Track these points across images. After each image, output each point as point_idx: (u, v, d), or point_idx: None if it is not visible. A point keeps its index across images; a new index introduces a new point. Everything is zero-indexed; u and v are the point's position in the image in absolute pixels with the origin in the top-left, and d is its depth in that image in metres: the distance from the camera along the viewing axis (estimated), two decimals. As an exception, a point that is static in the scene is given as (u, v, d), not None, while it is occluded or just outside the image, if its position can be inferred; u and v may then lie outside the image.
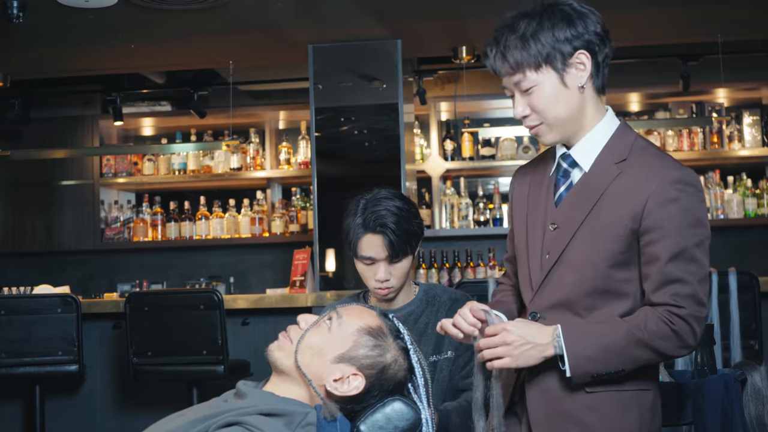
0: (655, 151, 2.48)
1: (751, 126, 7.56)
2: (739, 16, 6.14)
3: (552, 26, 2.40)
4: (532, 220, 2.57)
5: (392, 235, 3.08)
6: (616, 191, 2.41)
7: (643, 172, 2.40)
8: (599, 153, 2.48)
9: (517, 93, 2.47)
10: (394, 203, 3.14)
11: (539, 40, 2.39)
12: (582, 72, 2.43)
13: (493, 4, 5.60)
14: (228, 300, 5.82)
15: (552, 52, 2.40)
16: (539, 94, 2.43)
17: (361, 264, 3.17)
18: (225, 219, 7.91)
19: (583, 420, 2.44)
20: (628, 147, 2.47)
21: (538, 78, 2.41)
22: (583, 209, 2.45)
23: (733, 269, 5.09)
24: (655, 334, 2.33)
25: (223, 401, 2.49)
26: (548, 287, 2.50)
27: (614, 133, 2.50)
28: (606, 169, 2.45)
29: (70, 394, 6.33)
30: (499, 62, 2.44)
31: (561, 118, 2.45)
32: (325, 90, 6.38)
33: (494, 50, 2.45)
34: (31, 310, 5.51)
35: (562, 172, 2.55)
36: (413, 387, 2.54)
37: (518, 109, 2.47)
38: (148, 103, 8.14)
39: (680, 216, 2.34)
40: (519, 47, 2.40)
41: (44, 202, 8.10)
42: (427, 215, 7.66)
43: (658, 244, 2.36)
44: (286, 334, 2.51)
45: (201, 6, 5.47)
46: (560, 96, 2.43)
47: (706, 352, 3.50)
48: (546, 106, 2.44)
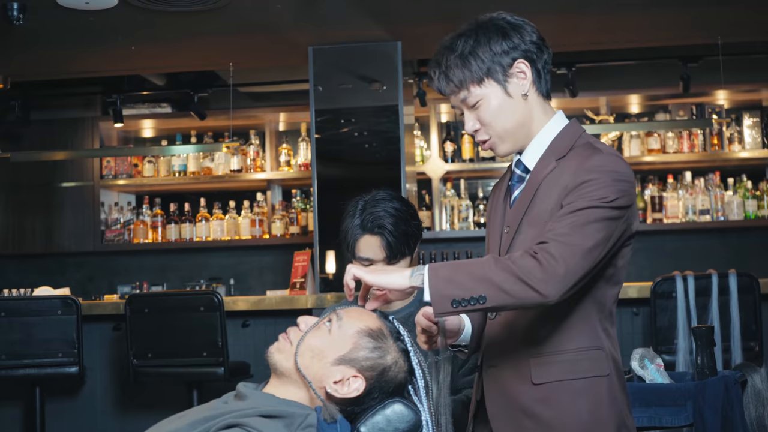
0: (593, 145, 2.49)
1: (751, 128, 7.55)
2: (739, 17, 6.14)
3: (488, 41, 2.46)
4: (492, 227, 2.63)
5: (390, 236, 3.09)
6: (549, 182, 2.45)
7: (573, 163, 2.43)
8: (543, 152, 2.53)
9: (465, 109, 2.51)
10: (392, 204, 3.15)
11: (478, 56, 2.45)
12: (523, 80, 2.48)
13: (494, 6, 5.64)
14: (228, 302, 5.83)
15: (492, 66, 2.45)
16: (486, 107, 2.48)
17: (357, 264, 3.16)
18: (225, 221, 7.90)
19: (536, 412, 2.42)
20: (570, 144, 2.50)
21: (482, 92, 2.47)
22: (523, 206, 2.49)
23: (733, 271, 5.14)
24: (519, 259, 2.26)
25: (224, 403, 2.50)
26: None
27: (559, 133, 2.54)
28: (545, 166, 2.49)
29: (70, 395, 6.33)
30: (443, 83, 2.50)
31: (509, 128, 2.50)
32: (325, 92, 6.37)
33: (437, 72, 2.50)
34: (31, 311, 5.52)
35: (516, 177, 2.58)
36: (413, 389, 2.54)
37: (468, 124, 2.52)
38: (148, 105, 8.12)
39: (586, 194, 2.34)
40: (460, 66, 2.46)
41: (44, 203, 8.10)
42: (427, 217, 7.66)
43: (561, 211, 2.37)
44: (286, 336, 2.51)
45: (201, 8, 5.46)
46: (506, 106, 2.48)
47: (706, 353, 3.54)
48: (493, 117, 2.48)
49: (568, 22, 6.09)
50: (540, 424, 2.42)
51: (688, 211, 7.40)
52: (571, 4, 5.66)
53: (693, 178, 7.51)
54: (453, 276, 2.28)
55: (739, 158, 7.54)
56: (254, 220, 7.86)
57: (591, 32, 6.34)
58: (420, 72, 7.11)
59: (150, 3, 5.33)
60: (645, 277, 6.09)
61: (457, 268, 2.30)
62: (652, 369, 3.54)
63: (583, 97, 7.34)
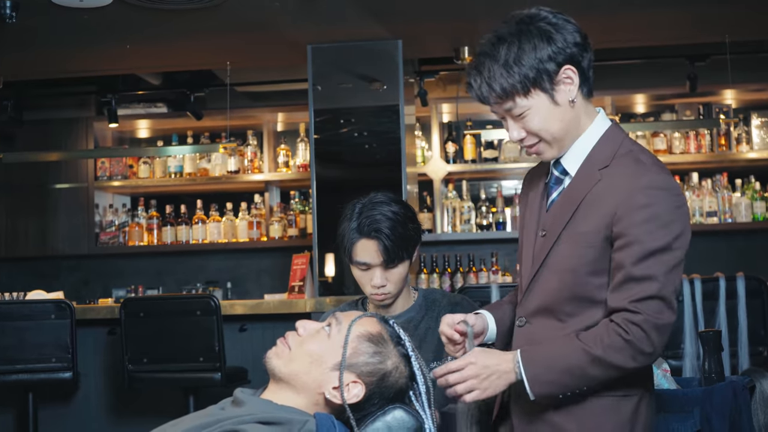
0: (635, 155, 2.47)
1: (760, 128, 7.54)
2: (746, 16, 6.11)
3: (534, 47, 2.39)
4: (527, 226, 2.62)
5: (387, 240, 3.07)
6: (593, 198, 2.43)
7: (617, 179, 2.41)
8: (585, 158, 2.51)
9: (509, 118, 2.48)
10: (390, 208, 3.13)
11: (523, 65, 2.38)
12: (570, 86, 2.43)
13: (496, 4, 5.59)
14: (225, 306, 5.84)
15: (538, 75, 2.39)
16: (532, 117, 2.44)
17: (357, 270, 3.16)
18: (222, 223, 7.90)
19: (558, 422, 2.47)
20: (612, 152, 2.48)
21: (528, 103, 2.41)
22: (565, 215, 2.47)
23: (741, 274, 5.06)
24: (610, 347, 2.33)
25: (220, 409, 2.49)
26: (534, 292, 2.54)
27: (601, 138, 2.51)
28: (589, 175, 2.47)
29: (64, 401, 6.35)
30: (486, 92, 2.43)
31: (557, 135, 2.47)
32: (324, 91, 6.34)
33: (478, 80, 2.44)
34: (24, 316, 5.51)
35: (554, 179, 2.58)
36: (414, 394, 2.53)
37: (513, 133, 2.48)
38: (144, 105, 8.12)
39: (649, 222, 2.34)
40: (505, 75, 2.39)
41: (38, 205, 8.09)
42: (428, 219, 7.64)
43: (624, 250, 2.36)
44: (284, 341, 2.50)
45: (197, 5, 5.43)
46: (553, 115, 2.44)
47: (713, 359, 3.51)
48: (541, 127, 2.44)
49: None
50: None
51: (695, 212, 7.39)
52: (576, 3, 5.61)
53: (700, 179, 7.51)
54: (553, 379, 2.38)
55: (747, 159, 7.53)
56: (252, 223, 7.84)
57: (596, 31, 6.21)
58: (421, 71, 7.11)
59: (145, 1, 5.31)
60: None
61: (556, 369, 2.38)
62: (658, 374, 3.50)
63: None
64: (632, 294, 2.32)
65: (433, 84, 7.55)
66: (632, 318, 2.30)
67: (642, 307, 2.30)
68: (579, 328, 2.44)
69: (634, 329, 2.30)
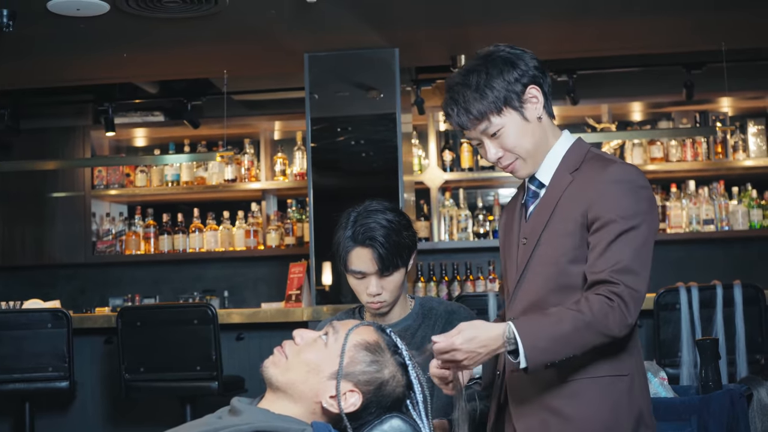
0: (604, 157, 2.72)
1: (756, 136, 7.55)
2: (743, 23, 6.10)
3: (500, 72, 2.63)
4: (508, 241, 2.81)
5: (381, 249, 3.07)
6: (568, 197, 2.64)
7: (589, 175, 2.63)
8: (557, 167, 2.71)
9: (485, 139, 2.67)
10: (385, 216, 3.13)
11: (494, 87, 2.62)
12: (536, 104, 2.67)
13: (492, 12, 5.61)
14: (222, 314, 5.81)
15: (508, 94, 2.62)
16: (507, 134, 2.65)
17: (352, 278, 3.16)
18: (219, 231, 7.90)
19: (560, 407, 2.60)
20: (581, 158, 2.70)
21: (502, 121, 2.63)
22: (543, 219, 2.66)
23: (738, 282, 5.10)
24: (599, 312, 2.45)
25: (217, 418, 2.47)
26: (519, 294, 2.70)
27: (569, 148, 2.73)
28: (561, 179, 2.68)
29: (60, 411, 6.32)
30: (464, 117, 2.64)
31: (530, 150, 2.68)
32: (321, 100, 6.33)
33: (455, 109, 2.65)
34: (20, 325, 5.49)
35: (531, 193, 2.75)
36: (412, 403, 2.53)
37: (491, 153, 2.68)
38: (141, 114, 8.13)
39: (620, 205, 2.55)
40: (478, 98, 2.61)
41: (34, 214, 8.08)
42: (425, 227, 7.66)
43: (600, 231, 2.55)
44: (281, 350, 2.50)
45: (194, 14, 5.42)
46: (525, 131, 2.66)
47: (711, 367, 3.53)
48: (515, 142, 2.65)
49: (568, 28, 6.07)
50: (563, 419, 2.59)
51: (692, 220, 7.41)
52: (572, 10, 5.64)
53: (697, 187, 7.52)
54: (549, 346, 2.45)
55: (743, 167, 7.55)
56: (249, 231, 7.84)
57: (592, 39, 6.33)
58: (418, 79, 7.10)
59: (142, 9, 5.30)
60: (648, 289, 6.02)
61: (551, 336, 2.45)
62: (655, 383, 3.52)
63: (584, 104, 7.34)
64: (610, 266, 2.49)
65: (430, 92, 7.53)
66: (613, 289, 2.47)
67: (621, 278, 2.47)
68: None
69: (616, 299, 2.46)
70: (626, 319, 2.47)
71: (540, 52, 2.79)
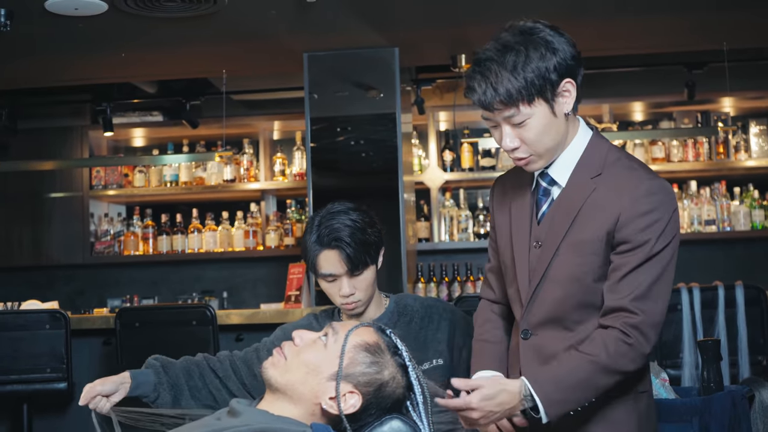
0: (626, 162, 2.56)
1: (758, 136, 7.56)
2: (744, 23, 6.10)
3: (540, 56, 2.41)
4: (516, 238, 2.64)
5: (348, 248, 3.06)
6: (592, 206, 2.50)
7: (616, 186, 2.49)
8: (574, 168, 2.56)
9: (505, 126, 2.47)
10: (349, 216, 3.12)
11: (530, 72, 2.40)
12: (568, 99, 2.47)
13: (493, 12, 5.59)
14: (221, 315, 5.79)
15: (543, 84, 2.41)
16: (531, 127, 2.45)
17: (324, 282, 3.15)
18: (218, 232, 7.90)
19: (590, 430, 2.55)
20: (601, 161, 2.54)
21: (531, 111, 2.42)
22: (563, 225, 2.52)
23: (740, 283, 5.09)
24: (616, 354, 2.41)
25: (216, 419, 2.49)
26: (536, 304, 2.58)
27: (587, 146, 2.57)
28: (582, 184, 2.53)
29: (58, 412, 6.31)
30: (491, 97, 2.42)
31: (550, 147, 2.51)
32: (320, 99, 6.32)
33: (483, 85, 2.42)
34: (18, 326, 5.47)
35: (542, 190, 2.61)
36: (412, 405, 2.53)
37: (506, 141, 2.48)
38: (139, 114, 8.13)
39: (651, 228, 2.43)
40: (512, 81, 2.39)
41: (32, 215, 8.08)
42: (425, 227, 7.66)
43: (628, 254, 2.45)
44: (280, 351, 2.50)
45: (193, 13, 5.42)
46: (551, 126, 2.47)
47: (712, 368, 3.54)
48: (538, 137, 2.46)
49: (569, 27, 5.91)
50: None
51: (694, 221, 7.41)
52: (572, 10, 5.65)
53: (698, 187, 7.53)
54: (567, 397, 2.41)
55: (745, 167, 7.56)
56: (248, 232, 7.85)
57: (593, 38, 6.32)
58: (418, 79, 7.12)
59: (141, 9, 5.30)
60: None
61: (567, 387, 2.41)
62: (656, 384, 3.53)
63: (585, 104, 7.20)
64: (632, 292, 2.41)
65: (430, 92, 7.56)
66: (630, 320, 2.40)
67: (641, 306, 2.40)
68: (587, 335, 2.50)
69: (634, 333, 2.39)
70: (645, 350, 2.42)
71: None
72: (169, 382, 3.12)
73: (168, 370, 3.15)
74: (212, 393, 3.16)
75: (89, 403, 3.03)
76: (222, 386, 3.18)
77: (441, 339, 3.16)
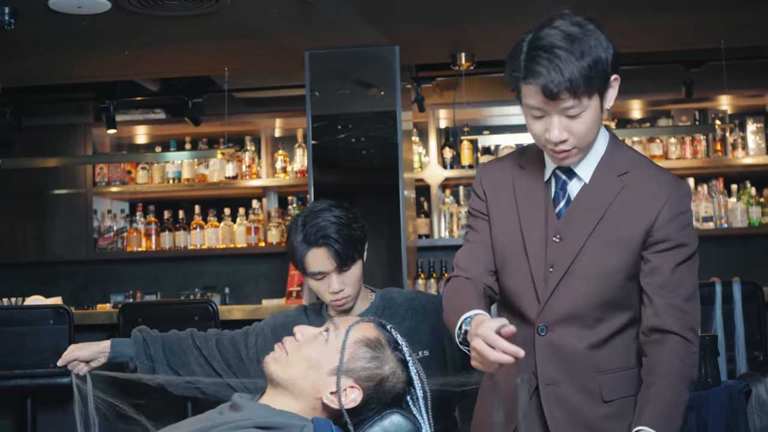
0: (652, 163, 2.56)
1: (755, 133, 7.56)
2: (742, 22, 6.09)
3: (604, 50, 2.36)
4: (529, 231, 2.54)
5: (336, 245, 3.08)
6: (623, 203, 2.46)
7: (650, 186, 2.47)
8: (597, 164, 2.51)
9: (556, 116, 2.36)
10: (332, 213, 3.14)
11: (597, 66, 2.33)
12: (612, 95, 2.42)
13: (493, 11, 5.60)
14: (223, 311, 5.80)
15: (603, 77, 2.36)
16: (584, 120, 2.37)
17: (312, 280, 3.16)
18: (220, 228, 7.91)
19: (607, 429, 2.49)
20: (626, 159, 2.52)
21: (588, 104, 2.35)
22: (590, 222, 2.47)
23: (737, 279, 5.11)
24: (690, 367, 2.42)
25: (219, 414, 2.51)
26: (556, 300, 2.49)
27: (609, 144, 2.53)
28: (609, 181, 2.49)
29: (62, 407, 6.20)
30: (557, 80, 2.30)
31: (591, 142, 2.46)
32: (321, 97, 6.32)
33: (552, 72, 2.30)
34: (22, 321, 5.46)
35: (560, 184, 2.55)
36: (412, 399, 2.54)
37: (555, 132, 2.37)
38: (142, 111, 8.12)
39: (686, 228, 2.44)
40: (581, 71, 2.30)
41: (36, 211, 8.09)
42: (425, 224, 7.67)
43: (666, 254, 2.43)
44: (282, 346, 2.51)
45: (195, 12, 5.42)
46: (597, 120, 2.42)
47: (709, 363, 3.55)
48: (587, 131, 2.40)
49: None
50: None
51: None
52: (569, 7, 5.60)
53: (696, 184, 7.52)
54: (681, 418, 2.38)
55: (742, 164, 7.56)
56: (250, 228, 7.85)
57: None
58: (418, 77, 7.10)
59: (144, 7, 5.29)
60: None
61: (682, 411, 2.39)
62: None
63: (584, 102, 7.28)
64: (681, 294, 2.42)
65: (431, 90, 7.55)
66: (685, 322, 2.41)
67: (689, 307, 2.42)
68: (607, 334, 2.49)
69: (691, 336, 2.41)
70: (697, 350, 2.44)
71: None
72: (147, 354, 3.20)
73: (149, 344, 3.21)
74: (193, 369, 3.21)
75: (68, 365, 3.17)
76: (205, 363, 3.22)
77: (425, 331, 3.18)
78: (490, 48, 6.47)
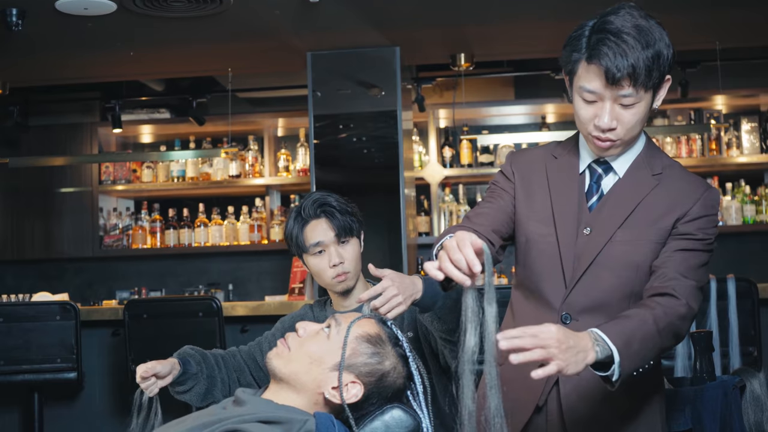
0: (686, 170, 2.55)
1: (750, 133, 7.56)
2: (737, 23, 6.13)
3: (666, 47, 2.35)
4: (561, 218, 2.54)
5: (335, 213, 3.13)
6: (655, 199, 2.46)
7: (684, 184, 2.48)
8: (632, 163, 2.52)
9: (609, 103, 2.36)
10: (330, 195, 3.20)
11: (658, 59, 2.33)
12: (662, 94, 2.43)
13: (492, 12, 5.62)
14: (227, 307, 5.81)
15: (661, 73, 2.36)
16: (635, 112, 2.37)
17: (312, 258, 3.18)
18: (224, 226, 7.91)
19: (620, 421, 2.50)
20: (661, 162, 2.51)
21: (643, 95, 2.35)
22: (620, 214, 2.47)
23: (731, 276, 5.08)
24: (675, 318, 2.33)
25: (222, 408, 2.52)
26: (582, 289, 2.49)
27: (646, 146, 2.53)
28: (643, 178, 2.49)
29: (68, 401, 6.29)
30: (621, 65, 2.29)
31: (635, 136, 2.46)
32: (323, 97, 6.37)
33: (619, 56, 2.30)
34: (29, 317, 5.47)
35: (596, 176, 2.55)
36: (412, 394, 2.55)
37: (605, 119, 2.37)
38: (147, 111, 8.12)
39: (710, 230, 2.45)
40: (646, 61, 2.30)
41: (43, 209, 8.10)
42: (425, 222, 7.66)
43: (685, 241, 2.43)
44: (284, 342, 2.52)
45: (200, 13, 5.46)
46: (645, 116, 2.41)
47: (704, 358, 3.49)
48: (635, 124, 2.39)
49: (565, 27, 6.01)
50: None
51: (687, 216, 7.33)
52: (568, 9, 5.63)
53: (692, 183, 7.44)
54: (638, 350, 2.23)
55: (737, 163, 7.55)
56: (253, 226, 7.85)
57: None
58: (418, 77, 7.12)
59: (149, 9, 5.32)
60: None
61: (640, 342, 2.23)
62: None
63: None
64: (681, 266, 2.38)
65: (431, 90, 7.55)
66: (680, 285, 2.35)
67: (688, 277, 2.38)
68: None
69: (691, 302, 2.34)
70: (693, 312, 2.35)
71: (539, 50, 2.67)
72: (207, 373, 3.10)
73: (206, 361, 3.13)
74: (230, 387, 3.15)
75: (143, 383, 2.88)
76: (237, 380, 3.20)
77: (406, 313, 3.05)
78: (489, 49, 6.49)
